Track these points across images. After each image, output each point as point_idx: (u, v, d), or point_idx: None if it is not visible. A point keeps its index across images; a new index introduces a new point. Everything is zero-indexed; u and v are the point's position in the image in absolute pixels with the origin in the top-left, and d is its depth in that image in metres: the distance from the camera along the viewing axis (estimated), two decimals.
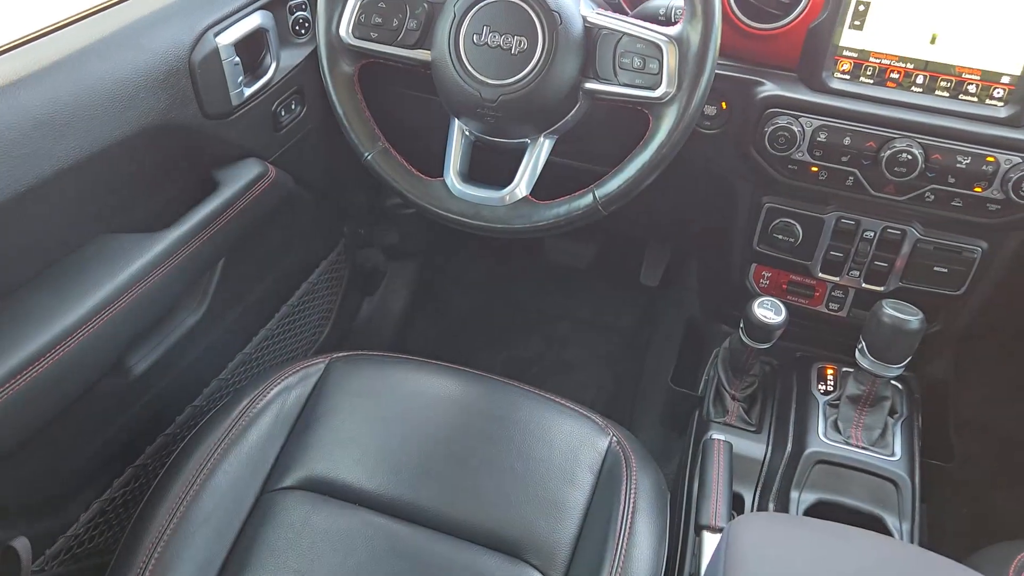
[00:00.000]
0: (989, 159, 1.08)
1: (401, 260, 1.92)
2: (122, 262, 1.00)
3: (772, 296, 1.27)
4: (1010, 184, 1.08)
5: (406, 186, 1.09)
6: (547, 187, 1.07)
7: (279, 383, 1.09)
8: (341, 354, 1.14)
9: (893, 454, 1.21)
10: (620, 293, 2.01)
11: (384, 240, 1.86)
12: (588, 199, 1.02)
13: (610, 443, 1.04)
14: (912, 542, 1.13)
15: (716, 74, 1.15)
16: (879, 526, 1.14)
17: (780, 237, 1.26)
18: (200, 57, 1.05)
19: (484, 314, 2.02)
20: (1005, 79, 1.06)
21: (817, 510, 1.16)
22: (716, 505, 1.13)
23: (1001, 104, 1.07)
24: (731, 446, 1.22)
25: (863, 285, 1.27)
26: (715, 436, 1.23)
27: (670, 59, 0.95)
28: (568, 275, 2.05)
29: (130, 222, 1.07)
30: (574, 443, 1.04)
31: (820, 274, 1.29)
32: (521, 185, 1.05)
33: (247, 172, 1.18)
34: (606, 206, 1.01)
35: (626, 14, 1.11)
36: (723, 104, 1.18)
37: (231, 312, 1.30)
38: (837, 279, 1.29)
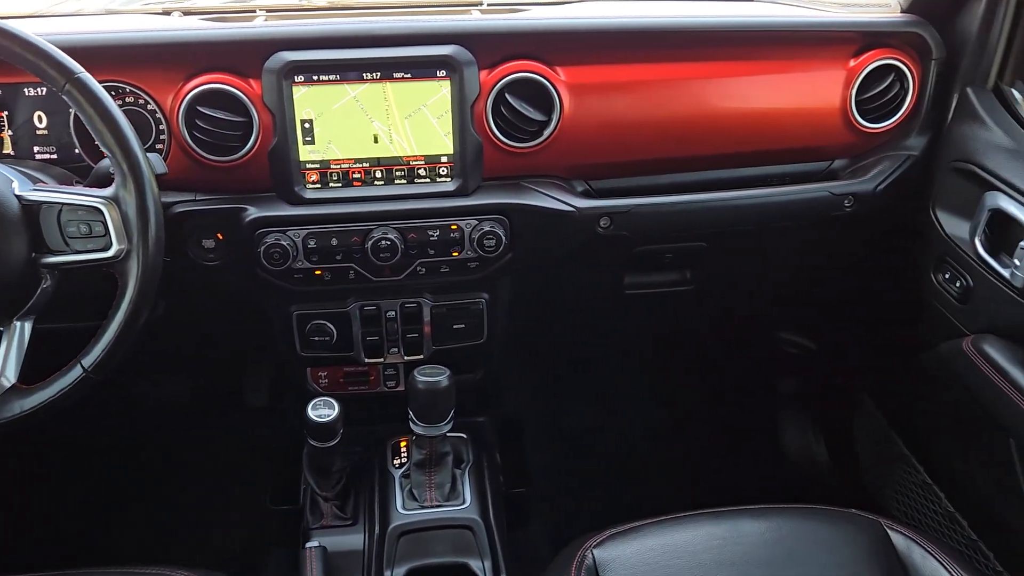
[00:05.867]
0: (453, 227, 1.24)
1: None
2: None
3: (335, 391, 1.33)
4: (475, 243, 1.25)
5: None
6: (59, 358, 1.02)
7: None
8: None
9: (464, 502, 1.32)
10: (233, 421, 1.96)
11: None
12: (77, 371, 1.00)
13: None
14: (499, 575, 1.24)
15: (203, 209, 1.20)
16: (467, 572, 1.23)
17: (318, 339, 1.34)
18: None
19: (92, 492, 1.85)
20: (444, 159, 1.23)
21: None
22: None
23: (449, 179, 1.24)
24: (324, 550, 1.24)
25: (406, 358, 1.39)
26: (307, 545, 1.25)
27: (113, 218, 0.97)
28: (173, 417, 1.94)
29: None
30: None
31: (366, 360, 1.38)
32: (7, 374, 1.00)
33: None
34: (97, 372, 1.00)
35: (83, 179, 1.12)
36: (219, 235, 1.22)
37: None
38: (382, 359, 1.39)
